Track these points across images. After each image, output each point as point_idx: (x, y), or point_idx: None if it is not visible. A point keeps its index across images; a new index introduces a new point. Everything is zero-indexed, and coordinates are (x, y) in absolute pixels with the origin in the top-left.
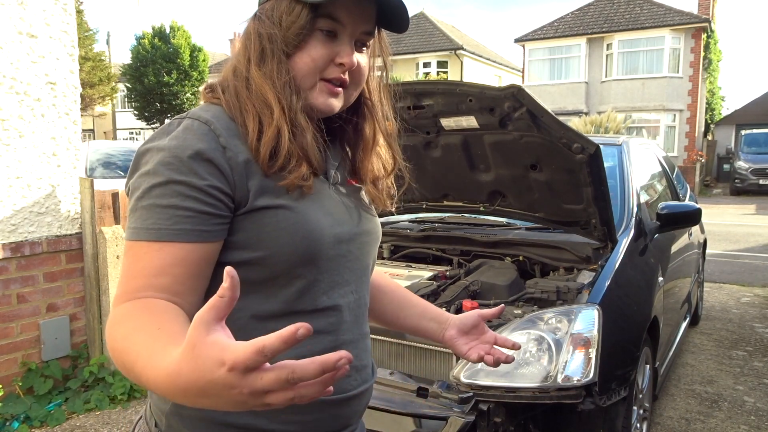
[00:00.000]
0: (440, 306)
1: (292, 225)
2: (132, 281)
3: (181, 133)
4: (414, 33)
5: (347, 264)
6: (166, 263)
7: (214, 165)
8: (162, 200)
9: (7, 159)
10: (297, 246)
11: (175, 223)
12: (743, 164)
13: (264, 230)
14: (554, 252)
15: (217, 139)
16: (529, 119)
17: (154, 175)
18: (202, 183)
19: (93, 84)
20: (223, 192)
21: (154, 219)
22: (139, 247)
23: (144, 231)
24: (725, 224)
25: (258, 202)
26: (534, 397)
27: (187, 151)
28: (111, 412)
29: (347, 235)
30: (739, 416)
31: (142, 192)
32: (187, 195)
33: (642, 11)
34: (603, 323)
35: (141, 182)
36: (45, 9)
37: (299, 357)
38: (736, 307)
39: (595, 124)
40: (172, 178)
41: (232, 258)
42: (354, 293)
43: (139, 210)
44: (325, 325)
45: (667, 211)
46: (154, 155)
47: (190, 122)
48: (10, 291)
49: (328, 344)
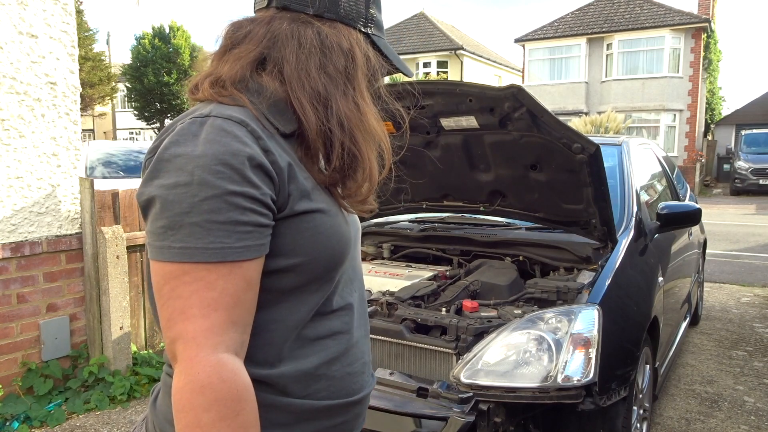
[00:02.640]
0: (440, 306)
1: (329, 229)
2: (213, 315)
3: (218, 136)
4: (414, 33)
5: (353, 263)
6: (239, 289)
7: (264, 171)
8: (219, 215)
9: (7, 159)
10: (334, 250)
11: (237, 240)
12: (743, 164)
13: (303, 235)
14: (554, 252)
15: (257, 141)
16: (529, 119)
17: (202, 186)
18: (258, 193)
19: (93, 84)
20: (273, 200)
21: (213, 237)
22: (204, 271)
23: (204, 252)
24: (725, 224)
25: (298, 207)
26: (534, 397)
27: (237, 158)
28: (111, 412)
29: (350, 234)
30: (739, 416)
31: (188, 206)
32: (246, 207)
33: (642, 11)
34: (603, 323)
35: (181, 195)
36: (45, 9)
37: (328, 360)
38: (736, 307)
39: (595, 124)
40: (228, 189)
41: (267, 267)
42: (357, 290)
43: (188, 227)
44: (341, 325)
45: (667, 211)
46: (190, 162)
47: (222, 122)
48: (10, 291)
49: (346, 344)
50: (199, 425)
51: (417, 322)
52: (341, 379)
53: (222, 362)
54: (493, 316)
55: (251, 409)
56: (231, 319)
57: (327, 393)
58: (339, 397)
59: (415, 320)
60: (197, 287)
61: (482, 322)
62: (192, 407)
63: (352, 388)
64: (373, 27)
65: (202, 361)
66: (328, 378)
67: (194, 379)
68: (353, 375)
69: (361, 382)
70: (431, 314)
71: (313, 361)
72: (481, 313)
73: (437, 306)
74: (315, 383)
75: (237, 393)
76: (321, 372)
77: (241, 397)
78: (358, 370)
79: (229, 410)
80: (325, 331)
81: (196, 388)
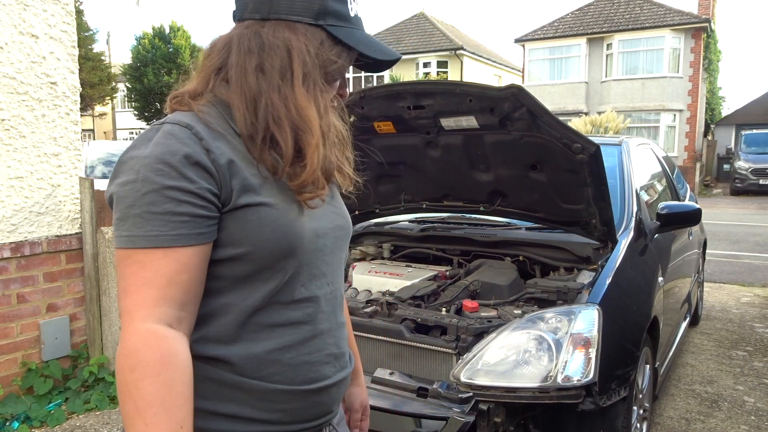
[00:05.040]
0: (440, 306)
1: (274, 222)
2: (145, 291)
3: (164, 139)
4: (414, 33)
5: (323, 257)
6: (172, 270)
7: (202, 167)
8: (156, 207)
9: (8, 159)
10: (279, 241)
11: (172, 228)
12: (743, 164)
13: (247, 227)
14: (554, 252)
15: (200, 142)
16: (529, 119)
17: (144, 182)
18: (194, 186)
19: (93, 84)
20: (213, 193)
21: (151, 226)
22: (142, 254)
23: (142, 238)
24: (725, 224)
25: (240, 201)
26: (534, 397)
27: (175, 156)
28: (111, 412)
29: (323, 230)
30: (739, 416)
31: (132, 200)
32: (181, 200)
33: (642, 11)
34: (603, 323)
35: (128, 191)
36: (46, 9)
37: (282, 347)
38: (736, 307)
39: (595, 124)
40: (164, 184)
41: (217, 255)
42: (330, 284)
43: (132, 218)
44: (303, 316)
45: (667, 211)
46: (138, 162)
47: (170, 127)
48: (10, 291)
49: (306, 333)
50: (126, 384)
51: (417, 322)
52: (297, 366)
53: (150, 330)
54: (493, 316)
55: (176, 370)
56: (163, 296)
57: (281, 378)
58: (294, 383)
59: (415, 320)
60: (135, 269)
61: (482, 322)
62: (122, 370)
63: (309, 376)
64: (329, 18)
65: (132, 330)
66: (282, 364)
67: (124, 346)
68: (313, 364)
69: (322, 372)
70: (431, 314)
71: (266, 346)
72: (481, 313)
73: (437, 306)
74: (268, 367)
75: (160, 356)
76: (274, 357)
77: (165, 360)
78: (320, 360)
79: (152, 370)
80: (282, 320)
81: (124, 353)
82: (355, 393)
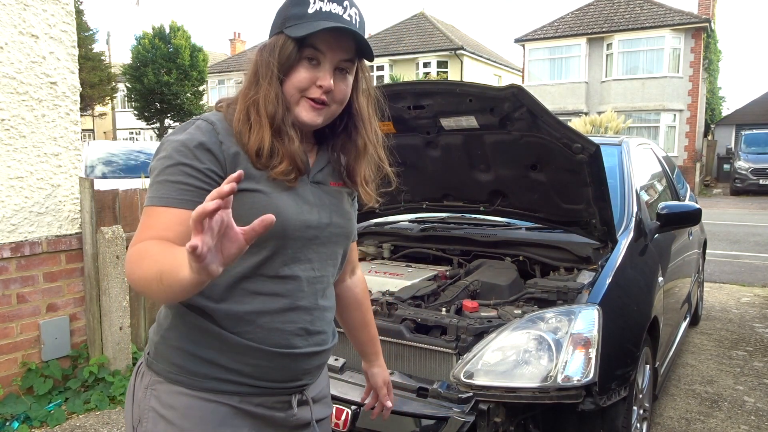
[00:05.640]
0: (440, 306)
1: (263, 207)
2: (146, 232)
3: (192, 130)
4: (414, 33)
5: (313, 246)
6: (171, 222)
7: (212, 153)
8: (172, 177)
9: (8, 159)
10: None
11: (179, 194)
12: (743, 164)
13: (242, 207)
14: (554, 252)
15: (216, 135)
16: (529, 119)
17: (168, 159)
18: (202, 166)
19: (93, 84)
20: (217, 174)
21: (165, 190)
22: (153, 210)
23: (157, 199)
24: (725, 224)
25: (240, 185)
26: (534, 397)
27: (193, 142)
28: (111, 412)
29: (316, 223)
30: (739, 416)
31: (158, 171)
32: (190, 174)
33: (642, 11)
34: (603, 323)
35: (159, 164)
36: (45, 9)
37: (261, 312)
38: (736, 307)
39: (595, 124)
40: (181, 161)
41: None
42: (315, 270)
43: (155, 184)
44: (283, 290)
45: (667, 211)
46: (170, 145)
47: (199, 122)
48: (10, 291)
49: (283, 305)
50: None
51: (417, 322)
52: (270, 330)
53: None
54: (493, 316)
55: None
56: (158, 235)
57: (253, 336)
58: (264, 344)
59: (415, 320)
60: (146, 219)
61: (482, 322)
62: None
63: (278, 341)
64: (289, 22)
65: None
66: (257, 325)
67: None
68: (284, 332)
69: (291, 341)
70: (431, 314)
71: (245, 308)
72: (481, 313)
73: (437, 306)
74: (245, 325)
75: (139, 254)
76: (250, 318)
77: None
78: (292, 331)
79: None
80: (265, 290)
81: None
82: (376, 373)
